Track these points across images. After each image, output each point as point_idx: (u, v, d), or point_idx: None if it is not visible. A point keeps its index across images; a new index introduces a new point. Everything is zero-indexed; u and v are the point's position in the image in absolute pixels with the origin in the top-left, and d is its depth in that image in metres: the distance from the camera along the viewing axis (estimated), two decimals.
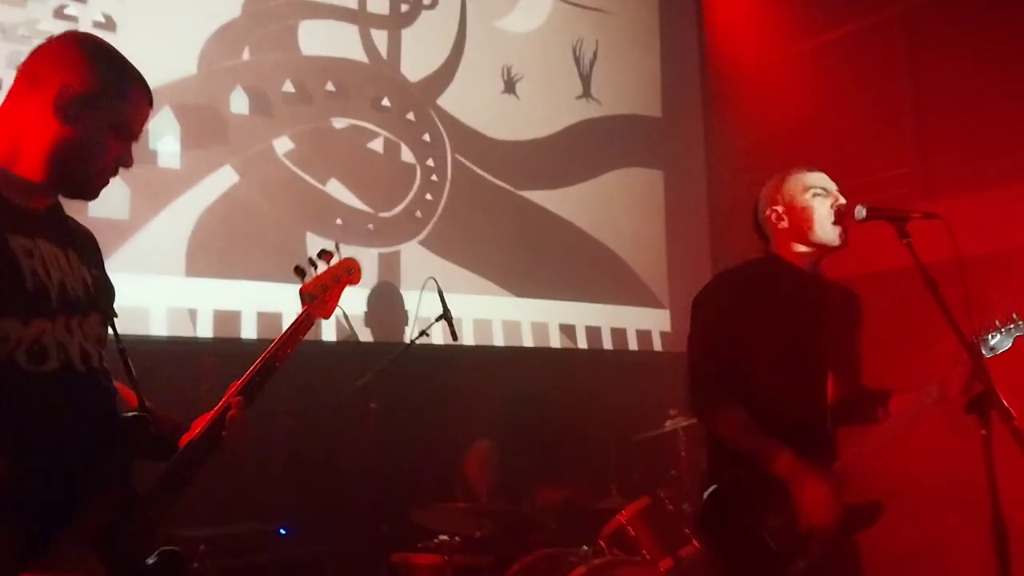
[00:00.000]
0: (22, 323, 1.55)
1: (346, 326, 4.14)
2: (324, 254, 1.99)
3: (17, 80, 1.67)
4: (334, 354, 4.06)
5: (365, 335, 4.21)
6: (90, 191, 1.71)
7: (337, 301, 1.98)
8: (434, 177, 4.71)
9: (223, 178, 3.93)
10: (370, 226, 4.44)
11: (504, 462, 4.02)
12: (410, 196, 4.61)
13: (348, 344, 4.11)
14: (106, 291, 1.78)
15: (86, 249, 1.78)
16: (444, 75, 4.85)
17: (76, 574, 1.44)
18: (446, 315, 3.49)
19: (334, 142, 4.38)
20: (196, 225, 3.83)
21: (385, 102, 4.59)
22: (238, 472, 3.35)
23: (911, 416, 2.36)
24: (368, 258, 4.39)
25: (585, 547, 3.42)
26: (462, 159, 4.84)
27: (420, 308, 3.67)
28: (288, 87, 4.21)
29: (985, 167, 4.53)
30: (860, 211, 2.36)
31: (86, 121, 1.63)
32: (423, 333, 3.53)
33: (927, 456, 3.82)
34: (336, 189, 4.35)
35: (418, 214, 4.62)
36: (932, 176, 4.80)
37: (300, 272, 1.96)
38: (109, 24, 3.74)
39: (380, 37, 4.63)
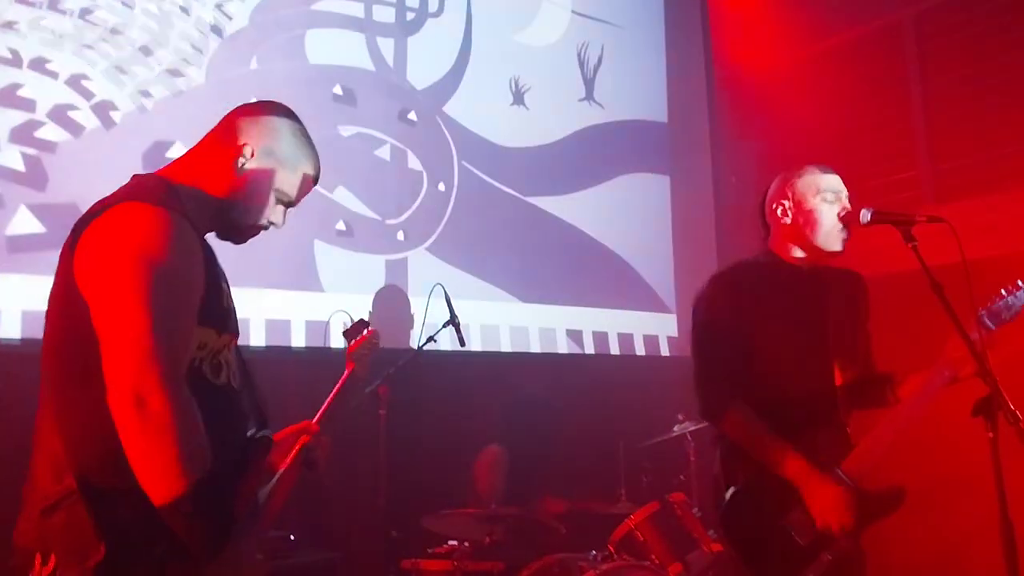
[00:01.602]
0: (217, 334, 1.71)
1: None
2: (359, 324, 2.64)
3: (218, 124, 1.88)
4: (342, 362, 4.06)
5: None
6: (239, 238, 1.90)
7: (370, 362, 2.61)
8: (441, 184, 4.73)
9: None
10: (377, 233, 4.46)
11: (513, 467, 4.02)
12: (417, 203, 4.62)
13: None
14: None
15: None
16: (450, 82, 4.87)
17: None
18: (453, 321, 3.50)
19: (341, 150, 4.40)
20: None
21: (392, 110, 4.60)
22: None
23: (924, 397, 2.35)
24: (375, 265, 4.41)
25: (594, 552, 3.43)
26: (469, 166, 4.86)
27: (428, 314, 3.68)
28: (295, 95, 4.22)
29: (994, 170, 4.53)
30: (865, 215, 2.36)
31: (255, 177, 1.82)
32: (431, 339, 3.54)
33: (932, 459, 3.81)
34: (343, 196, 4.37)
35: (425, 221, 4.63)
36: (941, 179, 4.79)
37: (348, 336, 2.61)
38: (115, 32, 3.77)
39: (387, 45, 4.65)
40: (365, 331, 2.55)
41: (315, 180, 1.96)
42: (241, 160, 1.81)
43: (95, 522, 1.50)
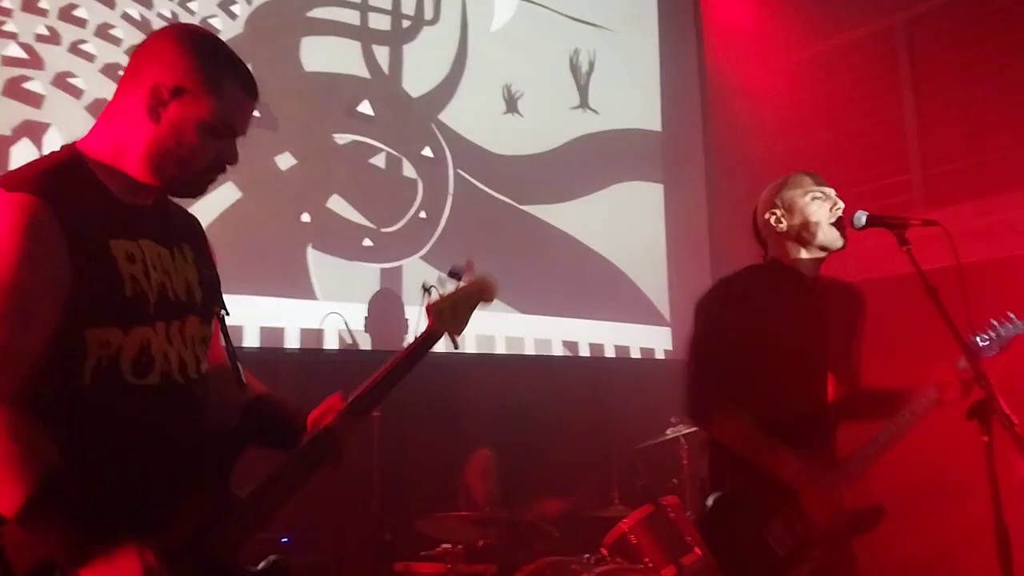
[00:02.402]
0: (122, 331, 1.52)
1: (347, 334, 4.16)
2: (455, 272, 1.93)
3: (124, 74, 1.63)
4: (335, 362, 4.06)
5: (365, 343, 4.22)
6: (194, 190, 1.67)
7: (467, 319, 1.89)
8: (436, 192, 4.73)
9: (225, 194, 3.94)
10: (372, 241, 4.46)
11: (506, 470, 4.02)
12: (412, 211, 4.63)
13: (349, 352, 4.12)
14: (209, 286, 1.74)
15: (192, 241, 1.75)
16: (446, 90, 4.89)
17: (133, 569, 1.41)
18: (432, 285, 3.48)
19: (336, 158, 4.41)
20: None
21: (387, 117, 4.61)
22: (240, 481, 3.35)
23: (909, 418, 2.38)
24: (370, 273, 4.41)
25: (587, 555, 3.42)
26: (464, 174, 4.87)
27: (422, 318, 3.67)
28: (290, 103, 4.24)
29: (986, 174, 4.55)
30: (859, 218, 2.37)
31: (176, 120, 1.57)
32: None
33: (927, 462, 3.82)
34: (338, 204, 4.37)
35: (420, 229, 4.63)
36: (934, 183, 4.82)
37: (426, 290, 1.89)
38: (114, 40, 3.78)
39: (382, 53, 4.67)
40: (463, 278, 1.88)
41: (252, 97, 1.66)
42: (154, 104, 1.57)
43: None
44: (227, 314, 1.76)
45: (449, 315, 1.85)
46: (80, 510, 1.42)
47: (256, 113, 1.76)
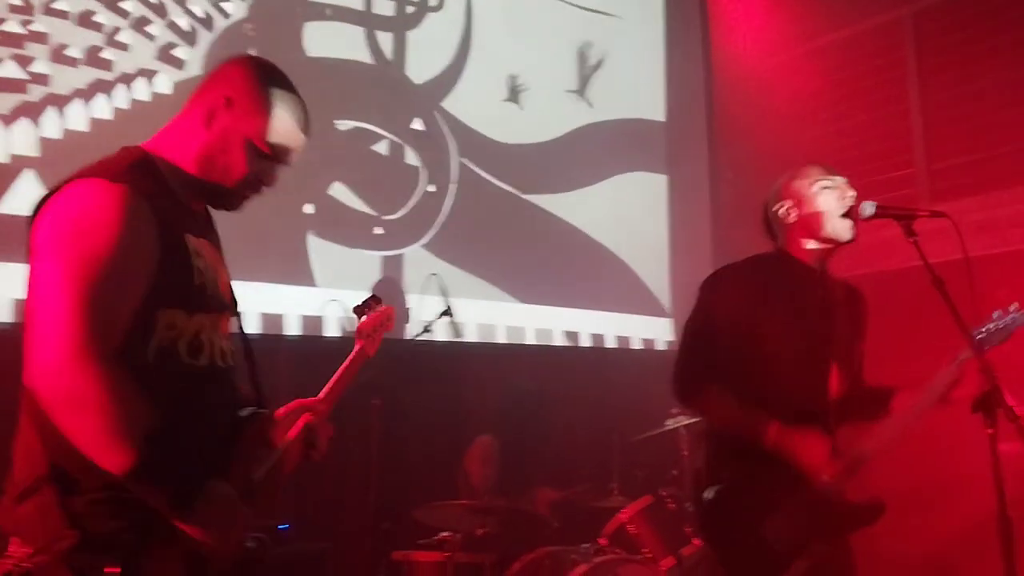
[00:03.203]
0: (187, 315, 1.65)
1: (347, 322, 4.14)
2: (372, 300, 2.30)
3: (197, 89, 1.79)
4: (336, 350, 4.03)
5: None
6: (230, 204, 1.81)
7: (378, 344, 2.28)
8: (438, 180, 4.71)
9: None
10: (374, 229, 4.44)
11: (506, 460, 4.01)
12: (414, 199, 4.61)
13: (350, 340, 4.10)
14: (232, 291, 1.88)
15: (220, 248, 1.89)
16: (449, 78, 4.87)
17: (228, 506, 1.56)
18: (448, 311, 3.49)
19: (338, 144, 4.39)
20: None
21: (390, 104, 4.59)
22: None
23: (912, 414, 2.36)
24: (372, 261, 4.40)
25: (586, 545, 3.42)
26: (467, 162, 4.85)
27: (423, 306, 3.67)
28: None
29: (990, 169, 4.54)
30: (867, 208, 2.35)
31: (225, 129, 1.72)
32: (426, 329, 3.53)
33: (930, 455, 3.81)
34: (340, 192, 4.35)
35: (422, 218, 4.62)
36: (938, 177, 4.81)
37: (358, 312, 2.27)
38: (115, 32, 3.75)
39: (385, 39, 4.64)
40: (378, 307, 2.28)
41: (302, 130, 1.81)
42: (209, 112, 1.72)
43: (63, 508, 1.50)
44: (236, 313, 1.90)
45: (372, 337, 2.25)
46: (177, 467, 1.53)
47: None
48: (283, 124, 1.76)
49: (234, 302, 1.86)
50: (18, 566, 1.50)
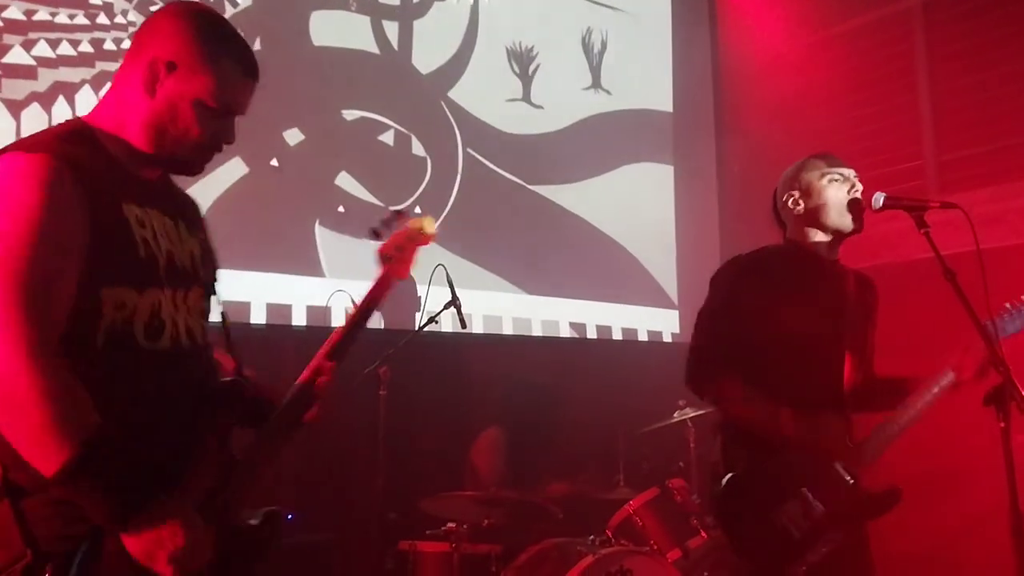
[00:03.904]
0: (137, 292, 1.53)
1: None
2: (398, 215, 2.00)
3: (129, 48, 1.65)
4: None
5: (374, 321, 4.20)
6: (191, 168, 1.68)
7: (412, 261, 1.97)
8: (445, 171, 4.70)
9: (232, 170, 3.91)
10: (380, 219, 4.42)
11: (512, 451, 4.01)
12: (420, 190, 4.60)
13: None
14: (210, 262, 1.77)
15: (193, 219, 1.76)
16: (455, 67, 4.85)
17: (176, 527, 1.42)
18: (455, 302, 3.47)
19: (344, 134, 4.38)
20: (206, 216, 3.80)
21: (396, 94, 4.58)
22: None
23: (924, 402, 2.36)
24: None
25: (593, 537, 3.42)
26: (473, 152, 4.83)
27: (429, 297, 3.66)
28: (299, 78, 4.20)
29: (1000, 161, 4.51)
30: (878, 200, 2.35)
31: (171, 95, 1.58)
32: (432, 320, 3.52)
33: (941, 448, 3.80)
34: (346, 182, 4.34)
35: (429, 208, 4.60)
36: (948, 169, 4.78)
37: (375, 234, 1.98)
38: (120, 12, 3.74)
39: (392, 28, 4.62)
40: (403, 222, 1.96)
41: (250, 77, 1.66)
42: (151, 79, 1.58)
43: (16, 521, 1.41)
44: (214, 292, 1.78)
45: (396, 258, 1.95)
46: (120, 471, 1.41)
47: (264, 89, 1.74)
48: (232, 76, 1.62)
49: (206, 277, 1.73)
50: None
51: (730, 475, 2.39)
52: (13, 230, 1.41)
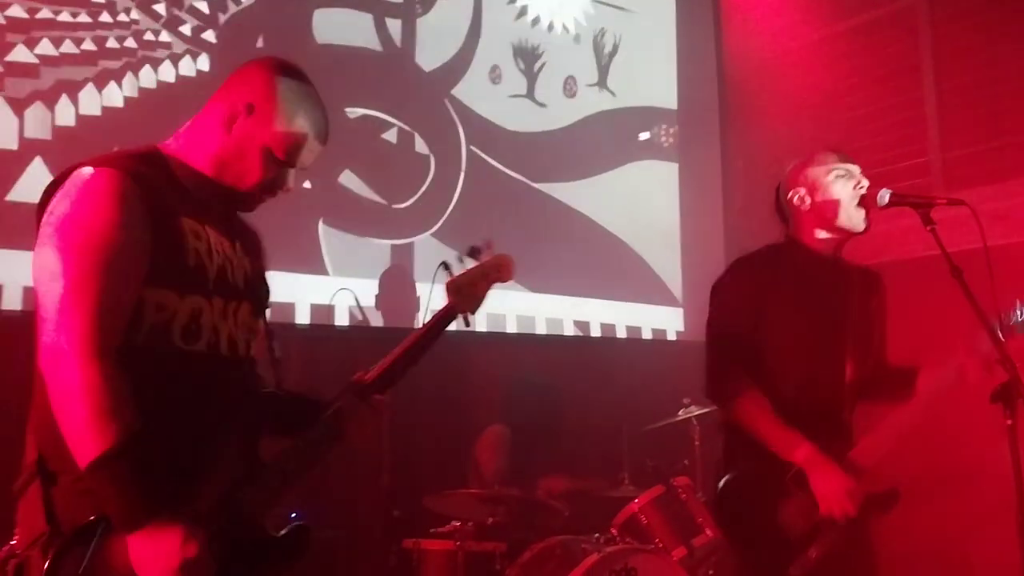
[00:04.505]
0: (178, 296, 1.62)
1: (357, 311, 4.14)
2: (474, 251, 2.03)
3: (218, 90, 1.78)
4: (345, 339, 4.05)
5: (376, 319, 4.21)
6: (245, 206, 1.81)
7: (484, 296, 2.00)
8: (448, 168, 4.70)
9: None
10: (383, 218, 4.43)
11: (517, 449, 4.00)
12: (424, 187, 4.60)
13: (360, 329, 4.11)
14: (263, 285, 1.87)
15: (251, 245, 1.89)
16: (459, 65, 4.84)
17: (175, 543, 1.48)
18: None
19: (347, 132, 4.37)
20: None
21: (399, 92, 4.57)
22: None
23: (929, 397, 2.35)
24: (381, 249, 4.38)
25: (597, 535, 3.41)
26: (477, 150, 4.82)
27: (432, 294, 3.66)
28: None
29: (1006, 158, 4.49)
30: (883, 196, 2.34)
31: (244, 135, 1.71)
32: None
33: (946, 446, 3.79)
34: (349, 180, 4.34)
35: (432, 206, 4.60)
36: (953, 166, 4.76)
37: (446, 267, 2.01)
38: (123, 11, 3.74)
39: (395, 26, 4.62)
40: (478, 258, 1.97)
41: (320, 141, 1.80)
42: (230, 117, 1.72)
43: (44, 501, 1.51)
44: (265, 310, 1.88)
45: (467, 292, 1.96)
46: (142, 475, 1.49)
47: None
48: (303, 135, 1.75)
49: (257, 293, 1.83)
50: (10, 557, 1.52)
51: (729, 475, 2.39)
52: (89, 242, 1.54)
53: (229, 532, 1.60)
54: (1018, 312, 2.30)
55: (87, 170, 1.60)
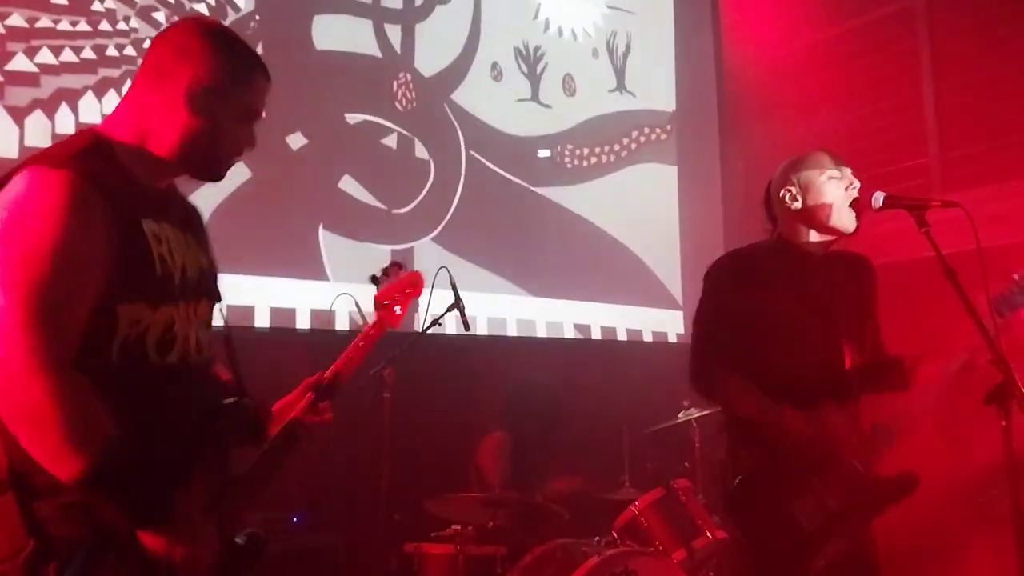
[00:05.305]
0: (151, 308, 1.58)
1: (357, 315, 4.14)
2: (393, 267, 2.20)
3: (143, 68, 1.71)
4: (346, 344, 4.05)
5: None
6: (216, 174, 1.76)
7: (405, 312, 2.17)
8: (448, 173, 4.71)
9: (235, 174, 3.87)
10: (383, 223, 4.44)
11: (517, 452, 4.01)
12: (424, 193, 4.61)
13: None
14: (212, 273, 1.82)
15: (198, 228, 1.83)
16: (458, 70, 4.85)
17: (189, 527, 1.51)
18: (458, 304, 3.47)
19: (347, 138, 4.38)
20: (208, 221, 3.76)
21: (399, 97, 4.58)
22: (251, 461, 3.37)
23: (939, 385, 2.34)
24: (381, 254, 4.39)
25: (598, 538, 3.42)
26: (476, 155, 4.84)
27: (432, 299, 3.67)
28: (301, 82, 4.21)
29: (1005, 158, 4.49)
30: (877, 199, 2.34)
31: (216, 111, 1.68)
32: (435, 322, 3.52)
33: (944, 447, 3.79)
34: (349, 185, 4.35)
35: (432, 211, 4.61)
36: (953, 166, 4.76)
37: (375, 280, 2.19)
38: (123, 19, 3.76)
39: (394, 32, 4.63)
40: (399, 274, 2.14)
41: (267, 79, 1.76)
42: (191, 95, 1.65)
43: (25, 515, 1.46)
44: (219, 300, 1.84)
45: (390, 307, 2.15)
46: (138, 476, 1.47)
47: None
48: (257, 84, 1.74)
49: (212, 287, 1.79)
50: None
51: (741, 475, 2.39)
52: (35, 247, 1.45)
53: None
54: (1012, 292, 2.27)
55: (35, 171, 1.51)
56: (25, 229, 1.46)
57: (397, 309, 2.14)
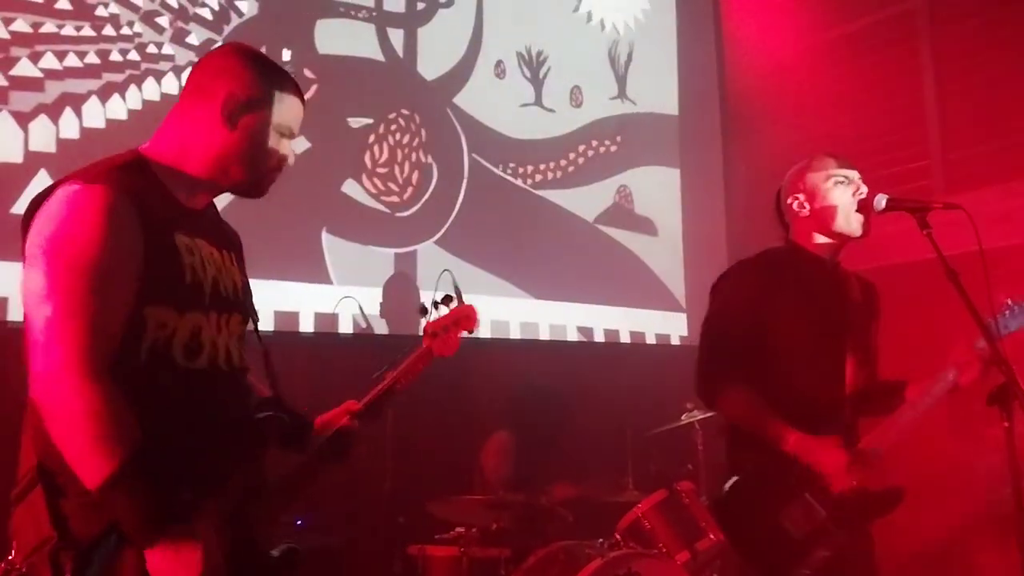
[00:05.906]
0: (178, 313, 1.64)
1: (361, 319, 4.16)
2: (447, 299, 2.26)
3: (185, 90, 1.81)
4: (350, 347, 4.07)
5: (380, 327, 4.22)
6: (259, 190, 1.85)
7: (456, 342, 2.21)
8: (451, 176, 4.71)
9: None
10: (387, 226, 4.45)
11: (521, 455, 4.02)
12: (426, 196, 4.61)
13: (364, 337, 4.12)
14: (247, 292, 1.89)
15: (235, 250, 1.91)
16: (460, 74, 4.86)
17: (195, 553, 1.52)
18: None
19: (350, 141, 4.39)
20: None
21: (401, 101, 4.59)
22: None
23: (927, 402, 2.35)
24: (384, 258, 4.40)
25: (601, 540, 3.42)
26: (479, 158, 4.84)
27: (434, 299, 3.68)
28: (305, 86, 4.22)
29: (1007, 159, 4.50)
30: (880, 201, 2.36)
31: (252, 126, 1.75)
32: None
33: (944, 448, 3.79)
34: (353, 189, 4.36)
35: (435, 214, 4.62)
36: (955, 168, 4.76)
37: (424, 311, 2.27)
38: (127, 24, 3.77)
39: (396, 36, 4.64)
40: (450, 305, 2.21)
41: (301, 99, 1.87)
42: (229, 114, 1.74)
43: (51, 510, 1.52)
44: (257, 321, 1.91)
45: (440, 336, 2.19)
46: (155, 489, 1.51)
47: None
48: (292, 102, 1.82)
49: (248, 304, 1.86)
50: (11, 569, 1.53)
51: (733, 480, 2.40)
52: (78, 260, 1.53)
53: (234, 548, 1.62)
54: (1006, 315, 2.29)
55: (73, 186, 1.59)
56: (68, 243, 1.54)
57: (448, 339, 2.18)
